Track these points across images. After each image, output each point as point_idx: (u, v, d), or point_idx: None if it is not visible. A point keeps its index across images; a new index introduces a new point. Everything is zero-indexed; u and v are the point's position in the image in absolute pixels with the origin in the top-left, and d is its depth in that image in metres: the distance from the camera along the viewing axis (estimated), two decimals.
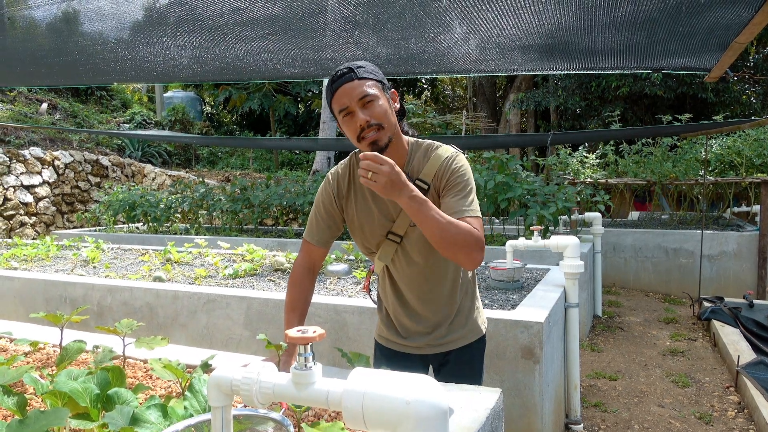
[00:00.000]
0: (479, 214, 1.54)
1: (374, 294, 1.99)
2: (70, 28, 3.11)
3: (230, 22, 2.88)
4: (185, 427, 0.98)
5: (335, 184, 1.72)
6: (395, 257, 1.70)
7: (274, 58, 3.52)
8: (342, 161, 1.76)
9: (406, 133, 1.69)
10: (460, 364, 1.77)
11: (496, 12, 2.61)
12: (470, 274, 1.80)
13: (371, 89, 1.51)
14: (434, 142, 1.67)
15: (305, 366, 0.88)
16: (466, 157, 1.66)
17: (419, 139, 1.69)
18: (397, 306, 1.76)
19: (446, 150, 1.63)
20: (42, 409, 1.00)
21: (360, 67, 1.53)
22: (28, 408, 1.24)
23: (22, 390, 1.52)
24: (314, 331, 0.89)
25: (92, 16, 2.90)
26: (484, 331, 1.82)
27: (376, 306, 1.90)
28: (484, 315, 1.87)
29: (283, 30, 3.01)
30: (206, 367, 1.49)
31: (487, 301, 3.12)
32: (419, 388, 0.80)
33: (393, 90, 1.62)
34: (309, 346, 0.89)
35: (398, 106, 1.63)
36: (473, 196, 1.56)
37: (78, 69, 3.85)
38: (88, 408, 1.17)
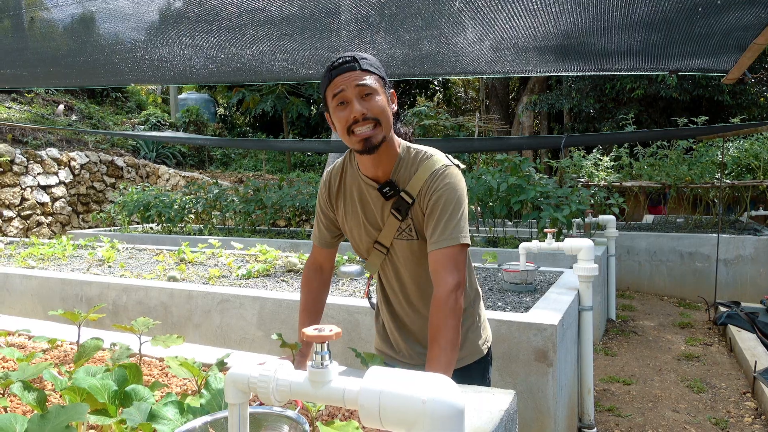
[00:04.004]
0: (463, 238, 1.44)
1: (374, 299, 1.89)
2: (90, 28, 3.15)
3: (247, 21, 2.90)
4: (203, 424, 0.99)
5: (328, 183, 1.65)
6: (385, 267, 1.63)
7: (289, 58, 3.53)
8: (337, 160, 1.69)
9: (398, 133, 1.60)
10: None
11: (511, 13, 2.60)
12: (470, 293, 1.67)
13: (372, 82, 1.42)
14: (427, 150, 1.54)
15: (322, 364, 0.88)
16: (461, 169, 1.53)
17: (412, 145, 1.57)
18: (389, 319, 1.70)
19: (435, 162, 1.50)
20: (62, 405, 1.01)
21: (363, 58, 1.43)
22: (47, 404, 1.25)
23: (41, 386, 1.54)
24: (330, 330, 0.90)
25: (112, 16, 2.93)
26: (485, 351, 1.70)
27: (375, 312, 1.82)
28: (488, 331, 1.75)
29: (299, 30, 3.02)
30: (222, 366, 1.50)
31: (500, 304, 3.10)
32: (436, 388, 0.80)
33: (392, 90, 1.52)
34: (325, 345, 0.90)
35: (395, 108, 1.53)
36: (458, 217, 1.44)
37: (97, 69, 3.89)
38: (106, 404, 1.18)
